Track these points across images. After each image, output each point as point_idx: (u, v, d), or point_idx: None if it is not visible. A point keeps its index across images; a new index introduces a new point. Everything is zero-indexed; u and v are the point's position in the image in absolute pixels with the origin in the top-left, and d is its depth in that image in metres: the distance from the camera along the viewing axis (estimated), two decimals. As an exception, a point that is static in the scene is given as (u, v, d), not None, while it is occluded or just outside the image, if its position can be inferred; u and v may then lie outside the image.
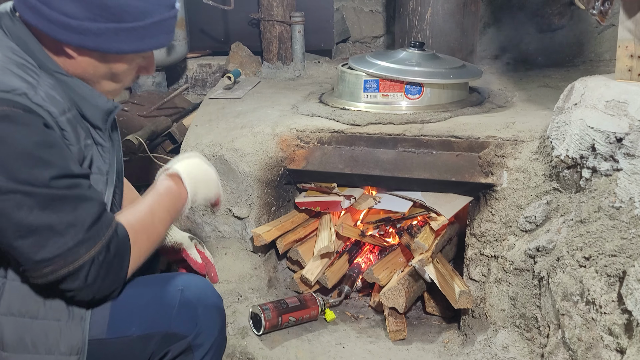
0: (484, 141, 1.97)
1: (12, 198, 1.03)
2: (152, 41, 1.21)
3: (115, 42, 1.16)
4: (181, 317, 1.27)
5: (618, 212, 1.48)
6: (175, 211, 1.33)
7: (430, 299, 2.19)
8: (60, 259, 1.08)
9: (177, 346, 1.28)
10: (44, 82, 1.15)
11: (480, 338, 1.89)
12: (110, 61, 1.22)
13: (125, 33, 1.16)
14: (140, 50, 1.22)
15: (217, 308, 1.34)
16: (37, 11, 1.13)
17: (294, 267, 2.36)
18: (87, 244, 1.09)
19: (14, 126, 1.03)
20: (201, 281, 1.36)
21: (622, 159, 1.50)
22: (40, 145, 1.05)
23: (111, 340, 1.24)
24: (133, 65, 1.27)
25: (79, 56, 1.19)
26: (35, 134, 1.05)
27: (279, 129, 2.22)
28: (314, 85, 2.91)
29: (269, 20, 3.16)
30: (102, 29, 1.14)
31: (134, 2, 1.15)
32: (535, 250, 1.72)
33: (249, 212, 2.22)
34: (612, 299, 1.40)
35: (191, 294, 1.29)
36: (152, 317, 1.27)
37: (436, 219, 2.13)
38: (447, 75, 2.26)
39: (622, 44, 1.64)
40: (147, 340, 1.26)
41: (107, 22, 1.14)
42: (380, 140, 2.10)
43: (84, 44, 1.16)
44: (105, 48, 1.17)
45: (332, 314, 2.16)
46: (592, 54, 3.30)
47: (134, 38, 1.18)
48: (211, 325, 1.32)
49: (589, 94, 1.64)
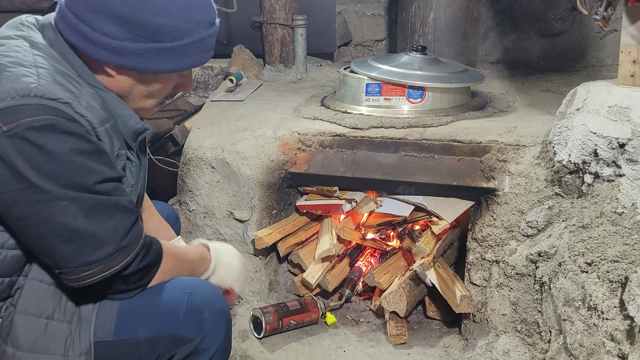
0: (486, 145, 1.97)
1: (59, 204, 1.06)
2: (190, 60, 1.22)
3: (154, 62, 1.18)
4: (188, 321, 1.28)
5: (620, 218, 1.48)
6: (196, 267, 1.45)
7: (431, 303, 2.19)
8: (100, 265, 1.13)
9: (183, 349, 1.28)
10: (86, 91, 1.16)
11: (481, 343, 1.88)
12: (148, 80, 1.24)
13: (164, 53, 1.17)
14: (179, 69, 1.23)
15: (223, 313, 1.35)
16: (79, 31, 1.15)
17: (295, 270, 2.36)
18: (123, 252, 1.15)
19: (58, 135, 1.05)
20: (208, 286, 1.37)
21: (625, 164, 1.50)
22: (82, 153, 1.08)
23: (118, 342, 1.25)
24: (170, 83, 1.28)
25: (117, 75, 1.21)
26: (77, 142, 1.07)
27: (280, 132, 2.22)
28: (316, 88, 2.91)
29: (272, 23, 3.16)
30: (141, 49, 1.15)
31: (174, 22, 1.16)
32: (537, 255, 1.72)
33: (250, 215, 2.22)
34: (614, 305, 1.40)
35: (198, 298, 1.30)
36: (159, 319, 1.27)
37: (438, 223, 2.12)
38: (449, 79, 2.26)
39: (624, 49, 1.64)
40: (154, 342, 1.27)
41: (147, 43, 1.15)
42: (382, 144, 2.10)
43: (123, 64, 1.17)
44: (144, 68, 1.19)
45: (333, 317, 2.16)
46: (594, 59, 3.30)
47: (173, 58, 1.19)
48: (217, 329, 1.32)
49: (591, 99, 1.64)
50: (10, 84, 1.05)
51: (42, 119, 1.04)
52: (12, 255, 1.17)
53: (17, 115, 1.02)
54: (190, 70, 1.28)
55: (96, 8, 1.12)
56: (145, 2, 1.13)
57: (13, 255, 1.17)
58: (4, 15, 4.02)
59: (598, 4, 1.63)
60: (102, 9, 1.12)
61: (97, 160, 1.11)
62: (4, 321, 1.21)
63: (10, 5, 3.98)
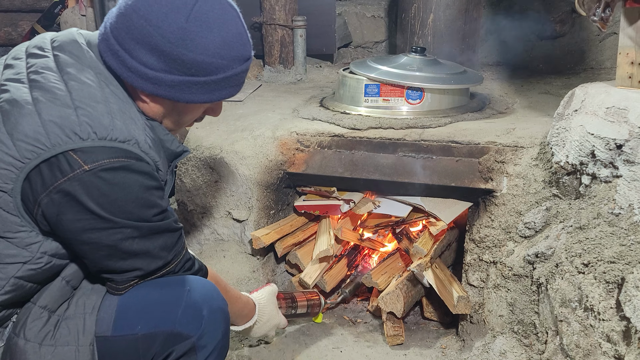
0: (484, 147, 1.97)
1: (122, 231, 1.17)
2: (222, 93, 1.28)
3: (187, 93, 1.24)
4: (186, 317, 1.28)
5: (617, 219, 1.48)
6: (241, 314, 1.63)
7: (429, 304, 2.19)
8: (149, 274, 1.27)
9: (181, 346, 1.28)
10: (141, 121, 1.23)
11: (478, 344, 1.88)
12: (180, 109, 1.31)
13: (197, 86, 1.24)
14: (210, 101, 1.29)
15: (222, 311, 1.35)
16: (119, 58, 1.20)
17: (293, 270, 2.35)
18: (169, 264, 1.28)
19: (130, 174, 1.15)
20: (208, 283, 1.37)
21: (622, 165, 1.50)
22: (149, 189, 1.18)
23: (116, 337, 1.26)
24: (201, 110, 1.35)
25: (151, 102, 1.27)
26: (146, 180, 1.18)
27: (279, 132, 2.22)
28: (315, 89, 2.91)
29: (271, 24, 3.16)
30: (175, 82, 1.21)
31: (210, 59, 1.21)
32: (534, 257, 1.72)
33: (248, 214, 2.22)
34: (611, 306, 1.40)
35: (197, 295, 1.30)
36: (157, 316, 1.27)
37: (435, 224, 2.12)
38: (448, 80, 2.27)
39: (622, 51, 1.64)
40: (152, 339, 1.27)
41: (181, 76, 1.21)
42: (381, 145, 2.10)
43: (157, 93, 1.23)
44: (176, 98, 1.24)
45: (321, 315, 2.15)
46: (593, 62, 3.31)
47: (205, 91, 1.25)
48: (216, 327, 1.32)
49: (589, 100, 1.64)
50: (89, 123, 1.12)
51: (117, 161, 1.13)
52: (59, 264, 1.24)
53: (96, 156, 1.11)
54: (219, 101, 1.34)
55: (138, 38, 1.18)
56: (185, 39, 1.18)
57: (60, 264, 1.24)
58: (4, 14, 4.03)
59: (596, 5, 1.63)
60: (143, 40, 1.18)
61: (158, 195, 1.22)
62: (21, 315, 1.24)
63: (11, 5, 3.99)
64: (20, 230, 1.14)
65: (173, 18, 1.17)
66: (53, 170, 1.09)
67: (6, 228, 1.14)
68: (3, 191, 1.10)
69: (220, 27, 1.21)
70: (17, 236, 1.15)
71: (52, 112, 1.11)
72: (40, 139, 1.08)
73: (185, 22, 1.17)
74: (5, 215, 1.12)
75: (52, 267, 1.22)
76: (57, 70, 1.19)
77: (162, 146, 1.30)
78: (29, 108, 1.11)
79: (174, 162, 1.37)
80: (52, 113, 1.10)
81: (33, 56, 1.24)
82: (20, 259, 1.16)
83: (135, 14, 1.17)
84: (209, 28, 1.19)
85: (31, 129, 1.09)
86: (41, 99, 1.12)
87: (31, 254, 1.17)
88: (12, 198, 1.11)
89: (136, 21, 1.17)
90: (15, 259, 1.16)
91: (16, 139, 1.09)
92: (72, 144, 1.09)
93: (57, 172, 1.09)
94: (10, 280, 1.17)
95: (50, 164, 1.09)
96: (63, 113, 1.11)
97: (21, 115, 1.11)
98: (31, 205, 1.12)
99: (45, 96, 1.13)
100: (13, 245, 1.15)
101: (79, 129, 1.10)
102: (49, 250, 1.19)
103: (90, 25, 3.42)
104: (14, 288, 1.18)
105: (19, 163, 1.09)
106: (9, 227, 1.14)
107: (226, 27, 1.22)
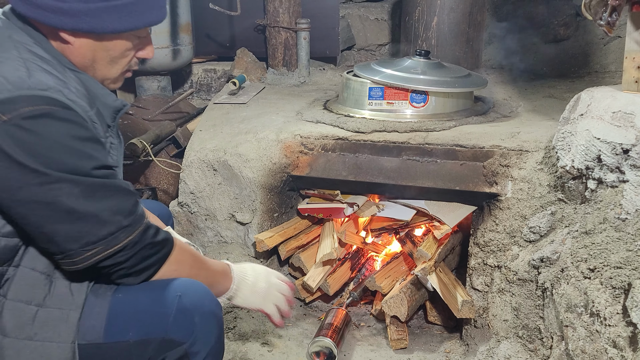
0: (489, 150, 1.96)
1: (60, 187, 1.09)
2: (144, 17, 1.24)
3: (107, 21, 1.19)
4: (178, 324, 1.26)
5: (624, 224, 1.47)
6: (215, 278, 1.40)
7: (432, 308, 2.18)
8: (103, 244, 1.16)
9: (173, 353, 1.26)
10: (69, 77, 1.18)
11: (482, 348, 1.87)
12: (108, 46, 1.24)
13: (116, 11, 1.18)
14: (134, 27, 1.23)
15: (214, 315, 1.32)
16: (30, 1, 1.15)
17: (296, 273, 2.35)
18: (126, 231, 1.17)
19: (56, 122, 1.08)
20: (200, 287, 1.34)
21: (629, 170, 1.49)
22: (79, 139, 1.11)
23: (108, 344, 1.23)
24: (130, 46, 1.28)
25: (75, 39, 1.21)
26: (74, 129, 1.11)
27: (283, 135, 2.21)
28: (319, 92, 2.91)
29: (275, 27, 3.16)
30: (92, 9, 1.16)
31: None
32: (539, 261, 1.71)
33: (251, 217, 2.22)
34: (617, 311, 1.39)
35: (188, 301, 1.28)
36: (149, 322, 1.25)
37: (439, 227, 2.12)
38: (452, 84, 2.26)
39: (629, 55, 1.64)
40: (144, 345, 1.25)
41: (97, 2, 1.16)
42: (385, 148, 2.09)
43: (78, 27, 1.18)
44: (99, 28, 1.19)
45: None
46: (598, 66, 3.30)
47: (126, 15, 1.20)
48: (208, 332, 1.30)
49: (595, 104, 1.64)
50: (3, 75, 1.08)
51: (38, 108, 1.07)
52: (5, 243, 1.18)
53: (15, 105, 1.06)
54: (146, 31, 1.29)
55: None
56: None
57: (6, 243, 1.18)
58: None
59: (603, 9, 1.62)
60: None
61: (93, 147, 1.14)
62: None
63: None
64: None
65: None
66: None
67: None
68: None
69: None
70: None
71: None
72: None
73: None
74: None
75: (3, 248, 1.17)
76: None
77: (97, 101, 1.24)
78: None
79: (117, 118, 1.30)
80: None
81: None
82: None
83: None
84: None
85: None
86: None
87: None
88: None
89: None
90: None
91: None
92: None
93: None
94: None
95: None
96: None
97: None
98: None
99: None
100: None
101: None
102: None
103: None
104: None
105: None
106: None
107: None
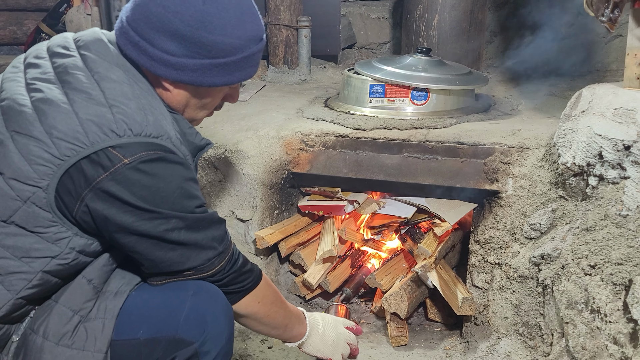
0: (490, 148, 1.96)
1: (170, 222, 1.19)
2: (241, 74, 1.31)
3: (208, 76, 1.27)
4: (189, 323, 1.26)
5: (625, 221, 1.47)
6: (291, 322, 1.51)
7: (433, 306, 2.18)
8: (203, 267, 1.27)
9: (183, 352, 1.26)
10: (170, 120, 1.26)
11: (482, 345, 1.87)
12: (202, 93, 1.33)
13: (218, 69, 1.26)
14: (230, 82, 1.31)
15: (226, 316, 1.32)
16: (140, 48, 1.23)
17: (296, 270, 2.35)
18: (220, 257, 1.29)
19: (168, 165, 1.18)
20: (212, 288, 1.34)
21: (630, 166, 1.49)
22: (187, 180, 1.22)
23: (118, 342, 1.24)
24: (221, 95, 1.38)
25: (174, 90, 1.29)
26: (183, 171, 1.21)
27: (283, 132, 2.21)
28: (320, 89, 2.91)
29: (276, 24, 3.16)
30: (197, 65, 1.24)
31: (228, 39, 1.24)
32: (540, 258, 1.71)
33: (252, 214, 2.22)
34: (618, 308, 1.39)
35: (201, 300, 1.28)
36: (160, 321, 1.26)
37: (440, 225, 2.11)
38: (453, 81, 2.26)
39: (631, 51, 1.63)
40: (154, 344, 1.25)
41: (202, 59, 1.24)
42: (385, 145, 2.09)
43: (180, 79, 1.25)
44: (199, 82, 1.27)
45: None
46: (599, 64, 3.29)
47: (226, 72, 1.28)
48: (219, 333, 1.30)
49: (596, 101, 1.63)
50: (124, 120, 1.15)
51: (153, 153, 1.16)
52: (84, 261, 1.24)
53: (134, 150, 1.14)
54: (239, 83, 1.36)
55: (157, 26, 1.21)
56: (204, 21, 1.21)
57: (85, 261, 1.25)
58: (10, 13, 4.04)
59: (604, 5, 1.62)
60: (162, 28, 1.21)
61: (195, 187, 1.25)
62: (40, 312, 1.24)
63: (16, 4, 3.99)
64: (51, 225, 1.16)
65: (190, 1, 1.20)
66: (95, 166, 1.12)
67: (37, 223, 1.15)
68: (38, 187, 1.13)
69: (236, 7, 1.25)
70: (48, 231, 1.17)
71: (88, 111, 1.14)
72: (79, 137, 1.12)
73: (203, 4, 1.21)
74: (37, 211, 1.14)
75: (77, 264, 1.23)
76: (87, 70, 1.22)
77: (185, 140, 1.31)
78: (65, 107, 1.14)
79: (197, 155, 1.39)
80: (89, 112, 1.14)
81: (58, 55, 1.26)
82: (49, 253, 1.18)
83: (152, 3, 1.21)
84: (225, 9, 1.23)
85: (70, 127, 1.12)
86: (76, 99, 1.16)
87: (60, 249, 1.19)
88: (45, 194, 1.13)
89: (154, 9, 1.20)
90: (44, 253, 1.18)
91: (55, 137, 1.12)
92: (110, 141, 1.13)
93: (99, 167, 1.12)
94: (38, 274, 1.18)
95: (91, 160, 1.12)
96: (99, 112, 1.14)
97: (58, 114, 1.14)
98: (72, 202, 1.14)
99: (80, 96, 1.16)
100: (43, 240, 1.17)
101: (115, 127, 1.13)
102: (77, 247, 1.21)
103: (95, 25, 3.42)
104: (40, 282, 1.19)
105: (58, 160, 1.12)
106: (41, 222, 1.15)
107: (240, 7, 1.26)
